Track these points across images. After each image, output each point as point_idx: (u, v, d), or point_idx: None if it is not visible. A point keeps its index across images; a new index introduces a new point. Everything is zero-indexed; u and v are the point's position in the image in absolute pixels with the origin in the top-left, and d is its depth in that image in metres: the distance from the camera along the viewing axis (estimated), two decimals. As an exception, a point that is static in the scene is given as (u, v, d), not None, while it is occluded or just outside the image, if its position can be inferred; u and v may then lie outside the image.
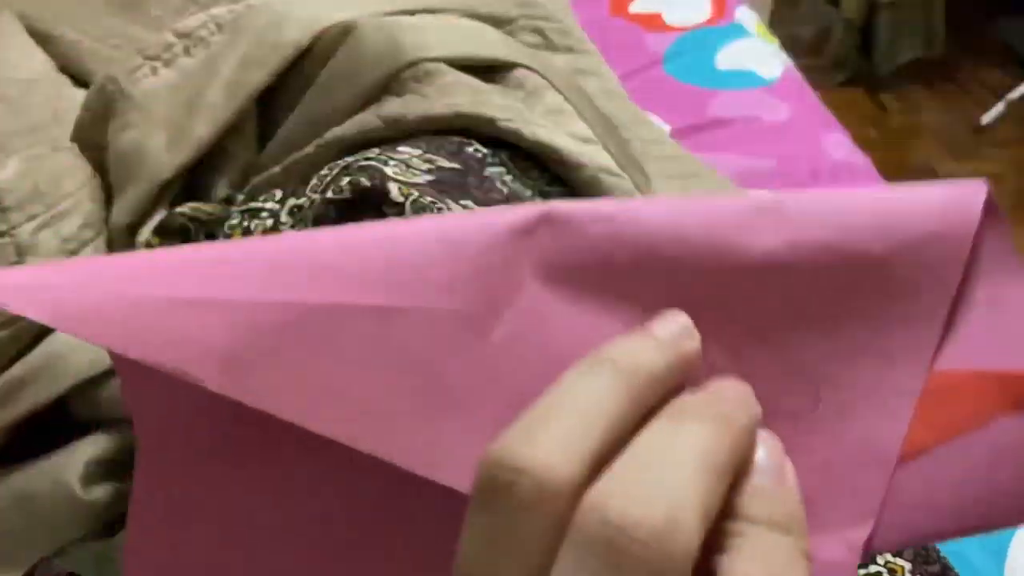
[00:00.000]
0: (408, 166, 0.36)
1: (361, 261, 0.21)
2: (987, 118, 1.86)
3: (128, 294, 0.20)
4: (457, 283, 0.21)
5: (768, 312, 0.23)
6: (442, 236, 0.21)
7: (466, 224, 0.21)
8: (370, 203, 0.35)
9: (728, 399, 0.19)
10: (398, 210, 0.34)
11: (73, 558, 0.43)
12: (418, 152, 0.37)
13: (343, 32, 0.52)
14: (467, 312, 0.21)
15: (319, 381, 0.21)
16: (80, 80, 0.69)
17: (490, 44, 0.54)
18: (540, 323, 0.22)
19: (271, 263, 0.21)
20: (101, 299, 0.20)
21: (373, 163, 0.35)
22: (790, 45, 2.10)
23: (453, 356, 0.21)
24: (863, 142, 1.79)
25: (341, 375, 0.21)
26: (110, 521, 0.45)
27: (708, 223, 0.22)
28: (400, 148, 0.37)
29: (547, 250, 0.22)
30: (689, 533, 0.15)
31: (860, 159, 0.80)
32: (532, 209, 0.22)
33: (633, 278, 0.22)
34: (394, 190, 0.34)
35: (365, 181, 0.34)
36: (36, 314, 0.20)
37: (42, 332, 0.46)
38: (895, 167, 1.75)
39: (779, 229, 0.22)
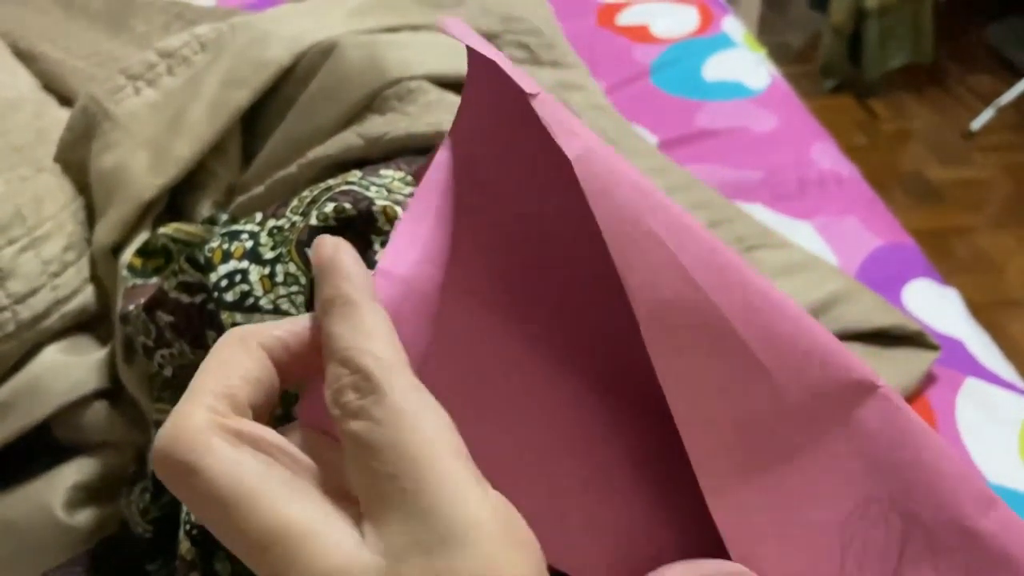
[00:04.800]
0: (389, 191, 0.35)
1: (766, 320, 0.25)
2: (977, 124, 1.86)
3: None
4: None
5: None
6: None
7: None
8: (353, 228, 0.35)
9: None
10: (385, 238, 0.34)
11: None
12: (400, 175, 0.37)
13: (325, 51, 0.51)
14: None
15: None
16: (65, 99, 0.69)
17: (473, 61, 0.54)
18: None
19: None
20: None
21: (355, 188, 0.35)
22: (779, 53, 2.11)
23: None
24: (853, 149, 1.80)
25: None
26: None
27: None
28: (382, 171, 0.37)
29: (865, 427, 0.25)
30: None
31: (847, 169, 0.80)
32: (868, 374, 0.25)
33: None
34: (381, 219, 0.34)
35: (350, 207, 0.34)
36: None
37: (26, 355, 0.46)
38: (885, 174, 1.75)
39: None
